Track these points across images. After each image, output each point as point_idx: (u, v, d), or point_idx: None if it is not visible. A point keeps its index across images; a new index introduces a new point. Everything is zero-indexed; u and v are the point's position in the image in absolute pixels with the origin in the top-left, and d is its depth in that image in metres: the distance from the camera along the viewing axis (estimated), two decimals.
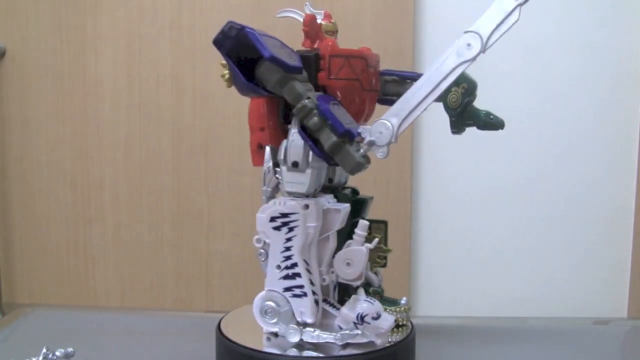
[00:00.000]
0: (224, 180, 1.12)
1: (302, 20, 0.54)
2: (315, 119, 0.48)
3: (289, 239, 0.50)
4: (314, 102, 0.49)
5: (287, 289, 0.51)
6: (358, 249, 0.52)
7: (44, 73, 1.13)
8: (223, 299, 1.13)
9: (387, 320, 0.51)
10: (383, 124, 0.48)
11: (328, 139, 0.48)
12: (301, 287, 0.51)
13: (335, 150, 0.48)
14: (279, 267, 0.51)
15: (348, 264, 0.52)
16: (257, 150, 0.54)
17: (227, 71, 0.52)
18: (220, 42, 0.48)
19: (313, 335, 0.51)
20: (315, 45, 0.53)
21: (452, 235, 1.13)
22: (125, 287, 1.15)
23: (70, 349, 0.56)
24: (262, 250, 0.52)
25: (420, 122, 1.11)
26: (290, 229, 0.50)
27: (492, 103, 0.54)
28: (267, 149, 0.52)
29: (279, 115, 0.55)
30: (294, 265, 0.51)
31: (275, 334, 0.52)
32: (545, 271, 1.12)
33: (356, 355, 0.50)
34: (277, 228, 0.50)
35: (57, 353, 0.55)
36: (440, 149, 1.11)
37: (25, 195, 1.15)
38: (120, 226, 1.14)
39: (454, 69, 0.46)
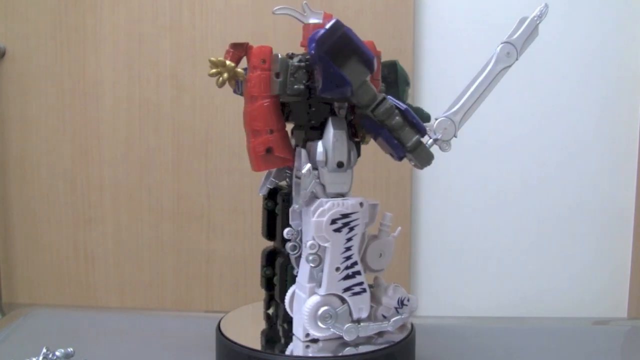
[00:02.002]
0: (224, 180, 1.12)
1: (301, 19, 0.54)
2: (398, 118, 0.50)
3: (349, 239, 0.51)
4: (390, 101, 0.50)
5: (347, 289, 0.51)
6: (388, 240, 0.54)
7: (44, 73, 1.13)
8: (223, 299, 1.13)
9: (414, 299, 0.55)
10: (446, 121, 0.52)
11: (411, 137, 0.50)
12: (360, 284, 0.52)
13: (416, 147, 0.51)
14: (338, 269, 0.51)
15: (381, 255, 0.54)
16: (265, 155, 0.52)
17: (215, 70, 0.51)
18: (325, 40, 0.47)
19: (369, 328, 0.52)
20: None
21: (453, 235, 1.13)
22: (125, 287, 1.15)
23: (70, 349, 0.56)
24: (316, 255, 0.51)
25: None
26: (351, 229, 0.51)
27: (492, 104, 0.54)
28: (303, 151, 0.52)
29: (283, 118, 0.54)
30: (354, 264, 0.51)
31: (316, 340, 0.52)
32: (545, 271, 1.12)
33: (356, 355, 0.50)
34: (338, 230, 0.50)
35: (57, 353, 0.55)
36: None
37: (25, 195, 1.15)
38: (120, 226, 1.14)
39: (499, 73, 0.53)
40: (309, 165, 0.51)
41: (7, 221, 1.16)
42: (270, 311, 0.60)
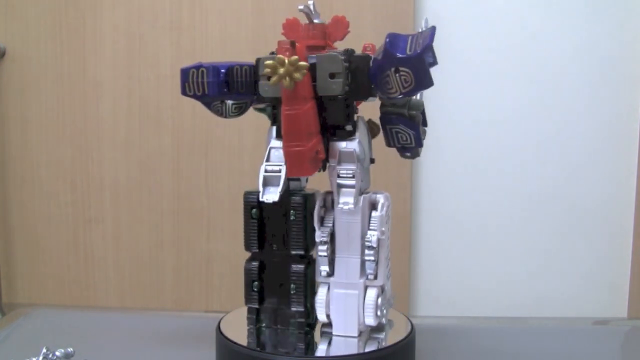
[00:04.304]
0: (224, 180, 1.12)
1: (313, 18, 0.54)
2: (421, 116, 0.53)
3: (388, 229, 0.54)
4: None
5: (387, 276, 0.54)
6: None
7: (44, 73, 1.13)
8: (223, 299, 1.13)
9: None
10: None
11: (424, 133, 0.54)
12: (390, 268, 0.55)
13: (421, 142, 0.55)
14: (386, 258, 0.53)
15: None
16: (314, 158, 0.49)
17: (283, 69, 0.45)
18: (431, 44, 0.49)
19: (387, 307, 0.55)
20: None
21: (452, 235, 1.13)
22: (125, 287, 1.15)
23: (70, 349, 0.56)
24: (376, 249, 0.52)
25: None
26: (388, 219, 0.54)
27: (492, 103, 0.54)
28: (354, 150, 0.51)
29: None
30: (389, 251, 0.54)
31: (360, 332, 0.53)
32: (545, 271, 1.12)
33: (356, 355, 0.50)
34: (386, 222, 0.53)
35: (57, 353, 0.55)
36: (440, 148, 1.11)
37: (25, 195, 1.15)
38: (120, 226, 1.14)
39: None
40: (359, 164, 0.52)
41: (7, 221, 1.16)
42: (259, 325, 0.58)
